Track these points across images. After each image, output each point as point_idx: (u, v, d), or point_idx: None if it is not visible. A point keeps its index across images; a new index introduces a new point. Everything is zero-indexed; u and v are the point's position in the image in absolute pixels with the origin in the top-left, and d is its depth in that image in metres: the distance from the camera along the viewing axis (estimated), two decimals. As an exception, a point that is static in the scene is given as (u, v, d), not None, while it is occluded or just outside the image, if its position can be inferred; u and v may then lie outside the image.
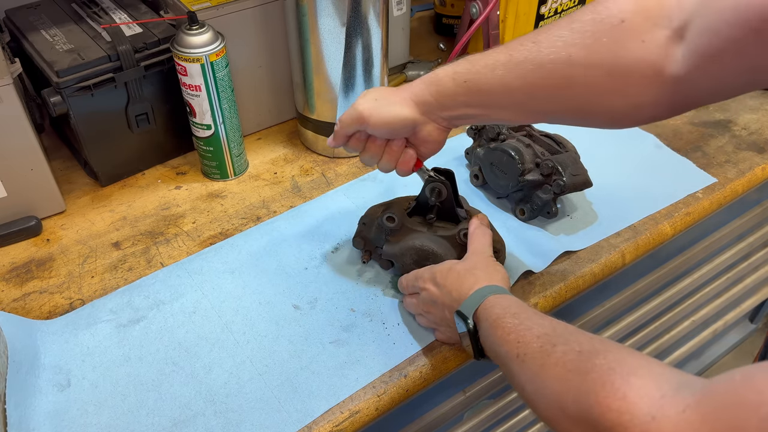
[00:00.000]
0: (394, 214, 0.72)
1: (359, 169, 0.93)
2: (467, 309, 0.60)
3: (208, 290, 0.75)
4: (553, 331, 0.52)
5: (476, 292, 0.61)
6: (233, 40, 0.87)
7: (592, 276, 0.78)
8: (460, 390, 0.86)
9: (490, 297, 0.60)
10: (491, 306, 0.59)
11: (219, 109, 0.84)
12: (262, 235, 0.82)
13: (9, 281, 0.77)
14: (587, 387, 0.45)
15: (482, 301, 0.60)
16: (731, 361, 1.66)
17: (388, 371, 0.67)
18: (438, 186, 0.71)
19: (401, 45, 1.10)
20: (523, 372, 0.52)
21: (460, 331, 0.62)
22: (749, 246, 1.23)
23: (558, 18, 1.06)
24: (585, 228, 0.83)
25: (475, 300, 0.60)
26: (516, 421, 1.03)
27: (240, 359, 0.68)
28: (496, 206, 0.86)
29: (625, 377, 0.43)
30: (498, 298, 0.59)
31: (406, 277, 0.71)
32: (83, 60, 0.80)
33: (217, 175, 0.91)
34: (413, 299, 0.70)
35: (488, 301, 0.59)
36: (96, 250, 0.81)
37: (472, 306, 0.60)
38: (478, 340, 0.60)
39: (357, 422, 0.64)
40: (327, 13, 0.81)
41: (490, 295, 0.60)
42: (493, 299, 0.59)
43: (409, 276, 0.71)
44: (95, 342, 0.70)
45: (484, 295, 0.60)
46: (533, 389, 0.51)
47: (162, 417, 0.63)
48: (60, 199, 0.85)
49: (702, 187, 0.88)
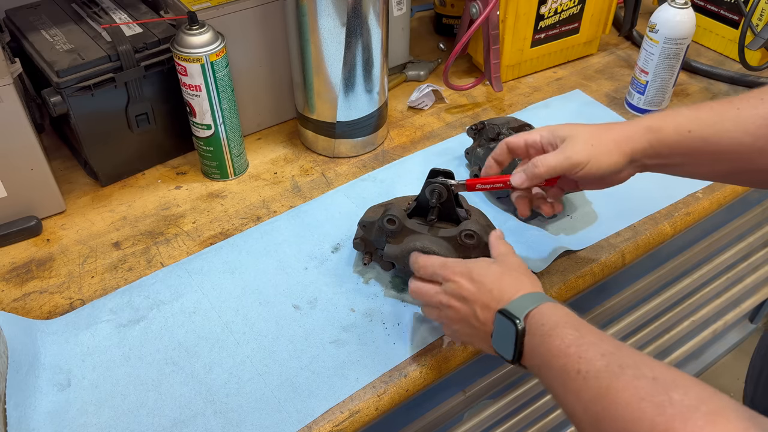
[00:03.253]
0: (395, 216, 0.72)
1: (359, 169, 0.93)
2: (517, 310, 0.56)
3: (208, 290, 0.75)
4: (618, 351, 0.49)
5: (528, 295, 0.58)
6: (233, 40, 0.87)
7: (592, 276, 0.78)
8: (460, 390, 0.86)
9: (545, 304, 0.56)
10: (548, 314, 0.55)
11: (219, 109, 0.84)
12: (262, 235, 0.82)
13: (9, 281, 0.77)
14: (665, 422, 0.42)
15: (536, 306, 0.56)
16: (731, 361, 1.66)
17: (388, 371, 0.67)
18: (438, 187, 0.71)
19: (401, 45, 1.10)
20: (583, 391, 0.48)
21: (498, 332, 0.58)
22: (749, 246, 1.23)
23: (558, 18, 1.06)
24: (585, 228, 0.83)
25: (527, 303, 0.57)
26: (516, 421, 1.03)
27: (240, 359, 0.68)
28: (496, 206, 0.86)
29: (710, 416, 0.41)
30: (554, 307, 0.56)
31: (430, 262, 0.66)
32: (83, 60, 0.80)
33: (217, 175, 0.91)
34: (430, 288, 0.65)
35: (543, 307, 0.56)
36: (96, 250, 0.81)
37: (524, 308, 0.56)
38: (522, 344, 0.56)
39: (357, 422, 0.64)
40: (327, 13, 0.81)
41: (545, 303, 0.56)
42: (549, 307, 0.56)
43: (433, 261, 0.66)
44: (95, 342, 0.70)
45: (538, 301, 0.57)
46: (595, 411, 0.47)
47: (162, 417, 0.63)
48: (60, 199, 0.85)
49: (702, 187, 0.88)
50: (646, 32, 0.97)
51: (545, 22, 1.06)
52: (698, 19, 1.06)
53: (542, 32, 1.07)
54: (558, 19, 1.07)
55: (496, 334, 0.58)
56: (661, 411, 0.43)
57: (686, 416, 0.41)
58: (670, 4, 0.95)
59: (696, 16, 0.95)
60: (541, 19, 1.05)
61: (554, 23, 1.07)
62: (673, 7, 0.95)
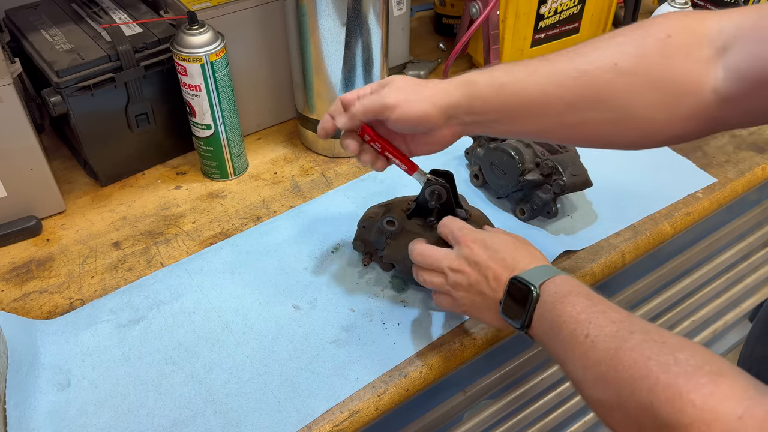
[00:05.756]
0: (395, 218, 0.72)
1: (359, 169, 0.93)
2: (533, 278, 0.57)
3: (208, 290, 0.75)
4: (629, 319, 0.50)
5: (543, 267, 0.59)
6: (233, 40, 0.87)
7: (592, 276, 0.78)
8: (460, 390, 0.86)
9: (560, 275, 0.58)
10: (561, 283, 0.56)
11: (219, 109, 0.84)
12: (262, 235, 0.82)
13: (9, 281, 0.77)
14: (668, 378, 0.43)
15: (551, 277, 0.57)
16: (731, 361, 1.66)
17: (388, 371, 0.67)
18: (437, 189, 0.71)
19: (401, 45, 1.10)
20: (591, 353, 0.49)
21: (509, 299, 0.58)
22: (749, 246, 1.23)
23: (558, 18, 1.06)
24: (585, 228, 0.83)
25: (543, 273, 0.58)
26: (516, 421, 1.03)
27: (240, 359, 0.68)
28: (496, 206, 0.86)
29: (712, 376, 0.42)
30: (567, 279, 0.57)
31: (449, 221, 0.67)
32: (83, 60, 0.80)
33: (217, 175, 0.91)
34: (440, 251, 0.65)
35: (558, 278, 0.57)
36: (96, 250, 0.81)
37: (539, 277, 0.57)
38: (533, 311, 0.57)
39: (357, 422, 0.64)
40: (327, 13, 0.81)
41: (560, 274, 0.58)
42: (564, 278, 0.57)
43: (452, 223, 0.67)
44: (95, 342, 0.70)
45: (554, 272, 0.58)
46: (599, 371, 0.48)
47: (162, 417, 0.63)
48: (60, 199, 0.85)
49: (702, 187, 0.88)
50: (646, 32, 0.97)
51: (545, 21, 1.06)
52: (698, 19, 1.05)
53: (542, 32, 1.07)
54: (558, 18, 1.07)
55: (506, 302, 0.59)
56: (666, 369, 0.44)
57: (690, 374, 0.43)
58: (669, 3, 0.95)
59: (696, 16, 0.95)
60: (541, 19, 1.05)
61: (554, 23, 1.07)
62: (673, 6, 0.94)
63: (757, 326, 0.79)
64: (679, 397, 0.42)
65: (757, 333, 0.78)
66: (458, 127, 0.65)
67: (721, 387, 0.42)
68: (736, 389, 0.41)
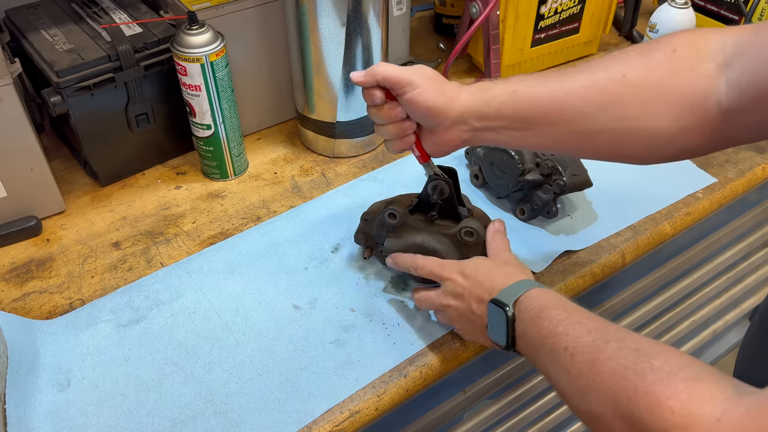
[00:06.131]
0: (396, 211, 0.72)
1: (359, 169, 0.93)
2: (506, 297, 0.59)
3: (208, 290, 0.75)
4: (604, 327, 0.51)
5: (517, 283, 0.60)
6: (233, 40, 0.87)
7: (592, 276, 0.78)
8: (460, 390, 0.86)
9: (534, 289, 0.59)
10: (536, 297, 0.58)
11: (219, 109, 0.84)
12: (262, 235, 0.82)
13: (9, 281, 0.77)
14: (646, 387, 0.44)
15: (525, 292, 0.59)
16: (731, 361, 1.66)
17: (388, 371, 0.67)
18: (440, 184, 0.71)
19: (401, 45, 1.10)
20: (571, 366, 0.50)
21: (492, 321, 0.61)
22: (749, 246, 1.23)
23: (558, 18, 1.06)
24: (585, 228, 0.83)
25: (516, 290, 0.59)
26: (516, 421, 1.03)
27: (240, 359, 0.68)
28: (496, 206, 0.86)
29: (689, 381, 0.43)
30: (542, 292, 0.59)
31: (428, 263, 0.69)
32: (83, 60, 0.80)
33: (217, 175, 0.91)
34: (431, 293, 0.68)
35: (532, 292, 0.58)
36: (96, 250, 0.81)
37: (512, 295, 0.59)
38: (514, 330, 0.59)
39: (357, 422, 0.64)
40: (327, 13, 0.81)
41: (533, 288, 0.59)
42: (538, 292, 0.59)
43: (431, 262, 0.69)
44: (95, 342, 0.70)
45: (527, 287, 0.59)
46: (581, 384, 0.49)
47: (162, 417, 0.63)
48: (60, 199, 0.85)
49: (702, 187, 0.88)
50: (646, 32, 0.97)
51: (545, 21, 1.06)
52: (698, 19, 1.06)
53: (542, 32, 1.07)
54: (558, 18, 1.07)
55: (490, 324, 0.61)
56: (643, 378, 0.45)
57: (666, 381, 0.43)
58: (670, 4, 0.95)
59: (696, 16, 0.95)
60: (541, 19, 1.05)
61: (554, 23, 1.07)
62: (673, 7, 0.95)
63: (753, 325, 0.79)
64: (658, 405, 0.42)
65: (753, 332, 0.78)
66: (466, 134, 0.66)
67: (698, 391, 0.42)
68: (714, 392, 0.42)
